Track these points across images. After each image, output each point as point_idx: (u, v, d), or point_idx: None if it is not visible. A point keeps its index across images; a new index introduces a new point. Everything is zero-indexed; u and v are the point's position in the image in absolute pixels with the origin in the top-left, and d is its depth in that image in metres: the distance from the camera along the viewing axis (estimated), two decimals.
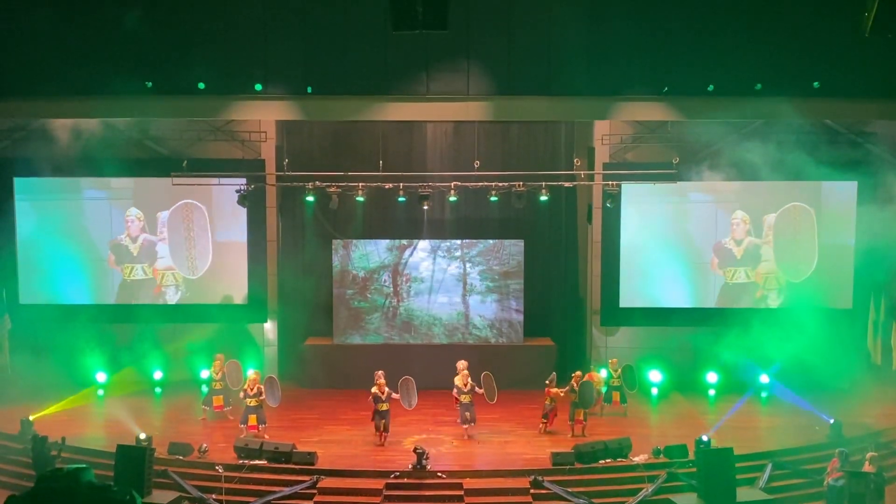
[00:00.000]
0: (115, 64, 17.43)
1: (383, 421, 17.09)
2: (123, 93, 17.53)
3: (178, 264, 21.97)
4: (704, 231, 21.74)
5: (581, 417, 17.70)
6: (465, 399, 17.53)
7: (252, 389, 17.51)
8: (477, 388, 17.65)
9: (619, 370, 19.37)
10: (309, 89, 18.01)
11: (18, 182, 21.57)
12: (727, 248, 21.76)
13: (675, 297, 21.71)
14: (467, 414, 17.52)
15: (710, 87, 17.79)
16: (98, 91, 17.63)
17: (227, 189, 19.76)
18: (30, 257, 21.74)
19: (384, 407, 17.08)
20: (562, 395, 17.69)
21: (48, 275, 21.74)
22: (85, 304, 21.73)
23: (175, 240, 21.96)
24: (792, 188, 21.33)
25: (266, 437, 17.14)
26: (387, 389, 17.14)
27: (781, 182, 20.97)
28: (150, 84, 17.68)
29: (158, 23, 17.76)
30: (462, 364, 17.91)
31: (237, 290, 21.94)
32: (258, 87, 17.94)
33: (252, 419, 17.38)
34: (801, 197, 21.46)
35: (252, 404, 17.45)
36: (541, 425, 17.91)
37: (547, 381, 17.87)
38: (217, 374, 18.86)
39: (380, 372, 17.52)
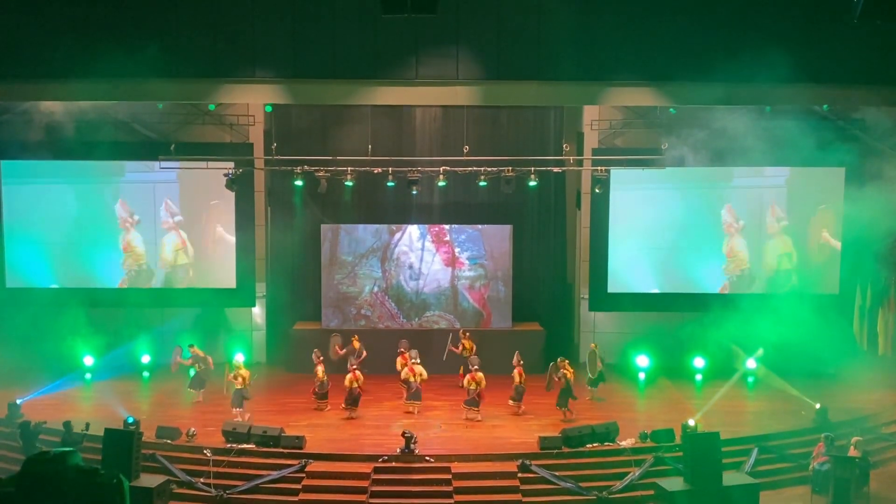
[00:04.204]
0: (102, 46, 17.23)
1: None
2: (111, 76, 17.37)
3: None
4: (692, 216, 21.72)
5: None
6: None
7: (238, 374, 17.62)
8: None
9: (600, 361, 19.39)
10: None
11: (5, 165, 21.42)
12: None
13: (663, 282, 21.77)
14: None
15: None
16: (85, 74, 17.45)
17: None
18: (16, 241, 21.61)
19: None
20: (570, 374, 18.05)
21: (35, 258, 21.60)
22: (72, 287, 21.62)
23: None
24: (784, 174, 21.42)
25: (253, 420, 17.16)
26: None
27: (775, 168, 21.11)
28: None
29: (146, 4, 17.60)
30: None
31: (225, 274, 21.83)
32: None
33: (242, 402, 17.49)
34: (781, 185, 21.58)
35: (239, 387, 17.52)
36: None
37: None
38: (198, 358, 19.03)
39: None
